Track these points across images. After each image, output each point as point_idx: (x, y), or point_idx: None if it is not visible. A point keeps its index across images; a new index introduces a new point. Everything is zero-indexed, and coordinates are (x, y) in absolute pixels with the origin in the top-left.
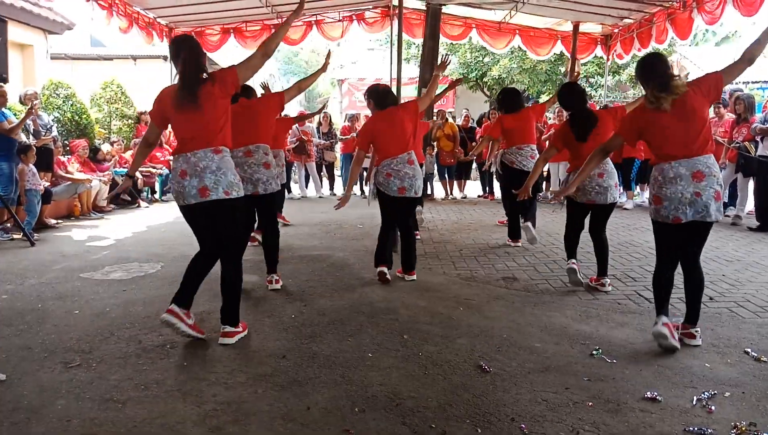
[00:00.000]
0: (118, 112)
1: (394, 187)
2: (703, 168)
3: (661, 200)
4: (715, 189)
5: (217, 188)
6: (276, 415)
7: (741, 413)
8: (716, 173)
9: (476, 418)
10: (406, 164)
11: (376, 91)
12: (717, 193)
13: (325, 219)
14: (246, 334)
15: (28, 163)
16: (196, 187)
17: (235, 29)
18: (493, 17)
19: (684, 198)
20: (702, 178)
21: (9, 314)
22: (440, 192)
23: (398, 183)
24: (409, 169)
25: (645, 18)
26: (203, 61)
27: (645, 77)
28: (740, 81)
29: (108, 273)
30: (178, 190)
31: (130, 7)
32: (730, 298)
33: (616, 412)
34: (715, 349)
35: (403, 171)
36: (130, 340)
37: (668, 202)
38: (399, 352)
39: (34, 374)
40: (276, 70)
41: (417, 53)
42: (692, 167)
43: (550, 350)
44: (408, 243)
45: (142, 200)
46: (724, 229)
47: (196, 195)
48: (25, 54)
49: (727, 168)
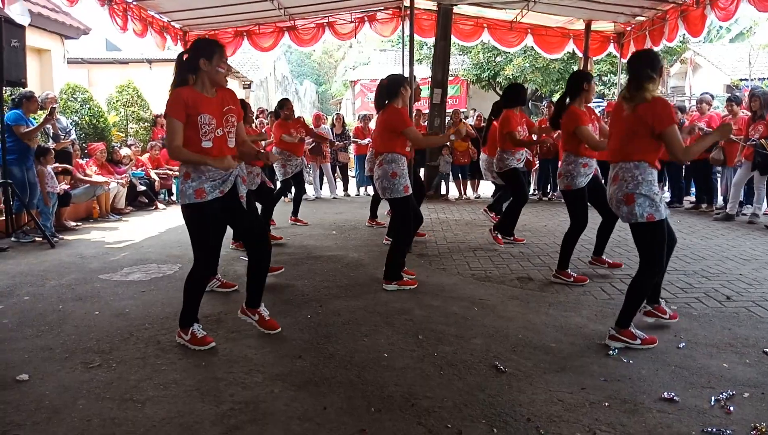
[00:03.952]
0: (135, 115)
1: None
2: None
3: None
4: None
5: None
6: (293, 415)
7: (760, 414)
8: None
9: (492, 418)
10: (376, 166)
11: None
12: (626, 196)
13: (339, 219)
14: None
15: (46, 166)
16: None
17: (248, 32)
18: (505, 17)
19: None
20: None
21: (30, 315)
22: (454, 192)
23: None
24: (378, 171)
25: (657, 15)
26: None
27: (630, 70)
28: (756, 78)
29: (127, 274)
30: (217, 179)
31: (145, 11)
32: (748, 298)
33: (633, 413)
34: (733, 349)
35: (376, 173)
36: (149, 341)
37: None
38: (414, 353)
39: (55, 374)
40: (289, 73)
41: (429, 54)
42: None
43: (565, 350)
44: (390, 247)
45: (160, 202)
46: (741, 228)
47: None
48: (42, 59)
49: (742, 166)
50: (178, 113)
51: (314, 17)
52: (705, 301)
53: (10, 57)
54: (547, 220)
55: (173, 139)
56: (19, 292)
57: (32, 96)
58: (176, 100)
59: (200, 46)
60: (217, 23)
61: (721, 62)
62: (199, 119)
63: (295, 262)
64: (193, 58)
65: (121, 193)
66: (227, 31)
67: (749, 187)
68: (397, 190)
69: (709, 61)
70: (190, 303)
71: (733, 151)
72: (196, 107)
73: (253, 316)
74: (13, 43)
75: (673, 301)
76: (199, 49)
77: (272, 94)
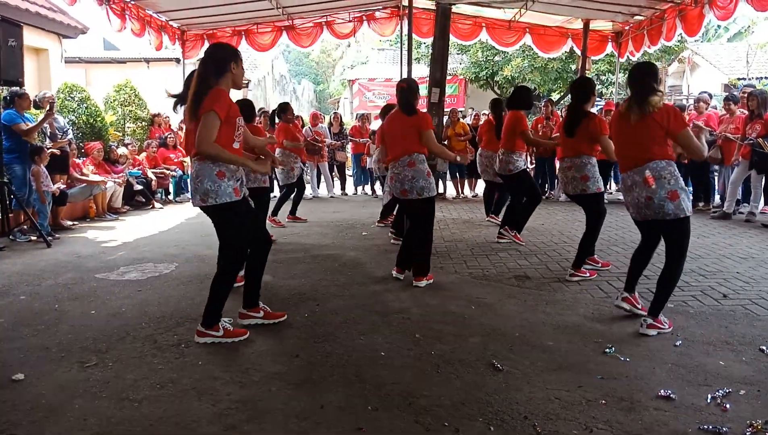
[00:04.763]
0: (132, 115)
1: (396, 190)
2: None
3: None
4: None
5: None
6: (290, 414)
7: (756, 411)
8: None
9: (489, 417)
10: (406, 167)
11: (399, 89)
12: (671, 193)
13: (337, 218)
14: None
15: (40, 164)
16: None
17: (246, 31)
18: (503, 16)
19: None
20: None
21: (27, 315)
22: (451, 191)
23: (399, 186)
24: (408, 172)
25: (656, 15)
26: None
27: (630, 83)
28: (753, 77)
29: (123, 274)
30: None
31: (143, 10)
32: (744, 296)
33: (630, 411)
34: (730, 347)
35: (403, 174)
36: (145, 340)
37: (632, 208)
38: (412, 351)
39: (51, 374)
40: (287, 72)
41: (427, 53)
42: (641, 175)
43: (563, 349)
44: (416, 245)
45: (156, 201)
46: (738, 227)
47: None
48: (40, 58)
49: (740, 165)
50: (223, 111)
51: (312, 17)
52: (702, 299)
53: (7, 56)
54: (544, 220)
55: (212, 134)
56: (15, 292)
57: (23, 93)
58: (225, 98)
59: (229, 49)
60: (216, 22)
61: (718, 61)
62: (237, 121)
63: (292, 261)
64: (224, 61)
65: (117, 192)
66: (225, 30)
67: (746, 185)
68: (433, 188)
69: (707, 60)
70: (220, 301)
71: (731, 149)
72: (234, 109)
73: (257, 313)
74: (11, 43)
75: (670, 300)
76: (228, 52)
77: (270, 94)
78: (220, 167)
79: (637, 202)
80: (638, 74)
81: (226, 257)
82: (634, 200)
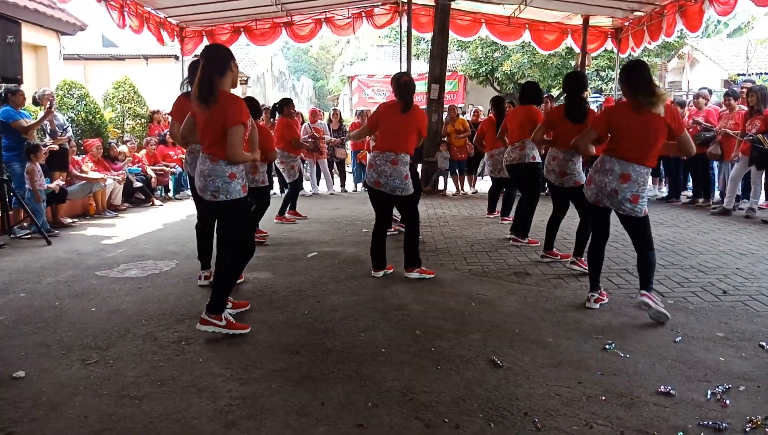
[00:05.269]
0: (131, 112)
1: (371, 179)
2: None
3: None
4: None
5: None
6: (290, 410)
7: (756, 407)
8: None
9: (489, 413)
10: (388, 163)
11: (395, 81)
12: (633, 196)
13: (336, 215)
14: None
15: (36, 162)
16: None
17: (245, 28)
18: (503, 12)
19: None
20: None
21: (27, 312)
22: (451, 187)
23: (375, 176)
24: (388, 169)
25: (655, 11)
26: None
27: (631, 82)
28: (753, 73)
29: (123, 271)
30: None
31: (142, 7)
32: (744, 292)
33: (630, 407)
34: (729, 343)
35: (382, 168)
36: (146, 337)
37: (594, 186)
38: (412, 348)
39: (52, 371)
40: (286, 69)
41: (426, 49)
42: (624, 169)
43: (562, 345)
44: (406, 236)
45: (156, 199)
46: (738, 222)
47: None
48: (38, 55)
49: (740, 161)
50: (247, 121)
51: (311, 12)
52: (701, 296)
53: (5, 53)
54: (543, 216)
55: (241, 144)
56: (15, 289)
57: (17, 90)
58: (245, 108)
59: (226, 50)
60: (214, 19)
61: (718, 57)
62: (248, 123)
63: (292, 258)
64: (224, 61)
65: (117, 189)
66: (224, 26)
67: (746, 181)
68: (408, 190)
69: (706, 56)
70: (229, 289)
71: (731, 145)
72: (248, 113)
73: (219, 321)
74: (9, 40)
75: (670, 296)
76: (227, 52)
77: (269, 90)
78: (232, 169)
79: (603, 187)
80: (636, 72)
81: (234, 252)
82: (601, 183)
